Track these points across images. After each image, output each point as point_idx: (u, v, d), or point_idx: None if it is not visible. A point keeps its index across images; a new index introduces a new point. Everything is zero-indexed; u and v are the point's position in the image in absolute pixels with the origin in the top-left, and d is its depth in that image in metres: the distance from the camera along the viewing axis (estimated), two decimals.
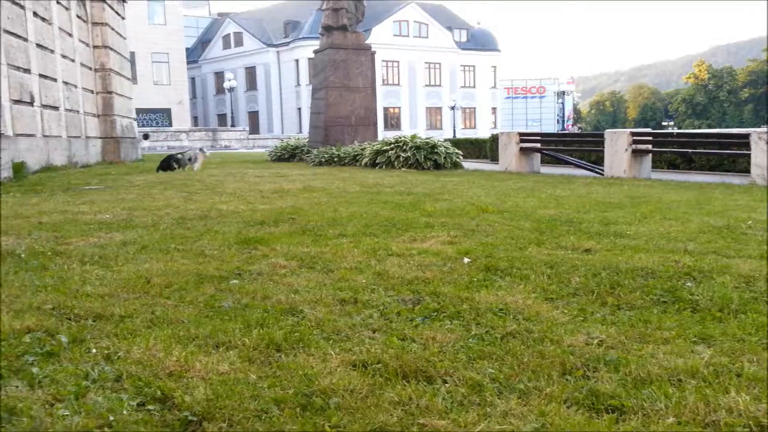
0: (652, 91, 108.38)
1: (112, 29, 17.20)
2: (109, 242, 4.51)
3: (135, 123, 20.21)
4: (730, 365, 2.15)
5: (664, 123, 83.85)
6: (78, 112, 14.94)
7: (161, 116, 47.49)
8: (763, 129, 11.67)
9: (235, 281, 3.33)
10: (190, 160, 13.18)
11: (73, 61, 14.70)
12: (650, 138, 11.43)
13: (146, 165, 15.47)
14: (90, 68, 16.26)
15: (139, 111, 36.24)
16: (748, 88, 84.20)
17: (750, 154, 9.57)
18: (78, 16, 15.36)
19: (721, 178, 10.51)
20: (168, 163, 12.84)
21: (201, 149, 14.59)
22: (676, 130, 52.01)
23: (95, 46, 16.55)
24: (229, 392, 1.91)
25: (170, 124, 45.89)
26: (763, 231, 4.78)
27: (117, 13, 18.02)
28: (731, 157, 11.47)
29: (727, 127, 71.33)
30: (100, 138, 16.74)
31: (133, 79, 29.71)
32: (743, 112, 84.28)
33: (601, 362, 2.15)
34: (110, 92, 16.98)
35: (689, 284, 3.20)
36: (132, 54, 32.48)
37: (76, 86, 14.84)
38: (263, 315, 2.69)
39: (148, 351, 2.29)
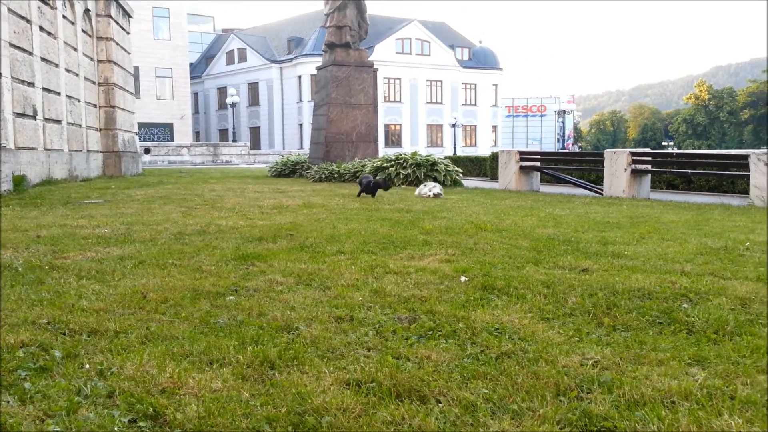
0: (652, 111, 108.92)
1: (117, 44, 17.36)
2: (106, 257, 4.52)
3: (137, 137, 20.31)
4: (724, 388, 2.14)
5: (664, 143, 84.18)
6: (80, 125, 15.03)
7: (163, 131, 47.75)
8: (763, 150, 11.70)
9: (231, 297, 3.33)
10: None
11: (77, 75, 14.82)
12: (650, 158, 11.47)
13: (147, 179, 15.52)
14: (93, 82, 16.38)
15: (141, 125, 36.50)
16: (748, 109, 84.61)
17: (749, 175, 9.60)
18: (83, 31, 15.52)
19: (720, 199, 10.53)
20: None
21: None
22: (675, 151, 52.22)
23: (99, 61, 16.70)
24: (222, 410, 1.91)
25: (172, 139, 46.13)
26: (761, 253, 4.78)
27: (122, 28, 18.19)
28: (730, 178, 11.51)
29: (727, 147, 71.63)
30: (101, 152, 16.82)
31: (136, 93, 29.92)
32: (743, 133, 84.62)
33: (596, 383, 2.15)
34: (113, 106, 17.09)
35: (685, 306, 3.19)
36: (136, 68, 32.75)
37: (79, 100, 14.94)
38: (258, 332, 2.69)
39: (142, 367, 2.29)
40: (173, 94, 48.32)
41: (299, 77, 52.28)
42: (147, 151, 33.02)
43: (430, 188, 10.45)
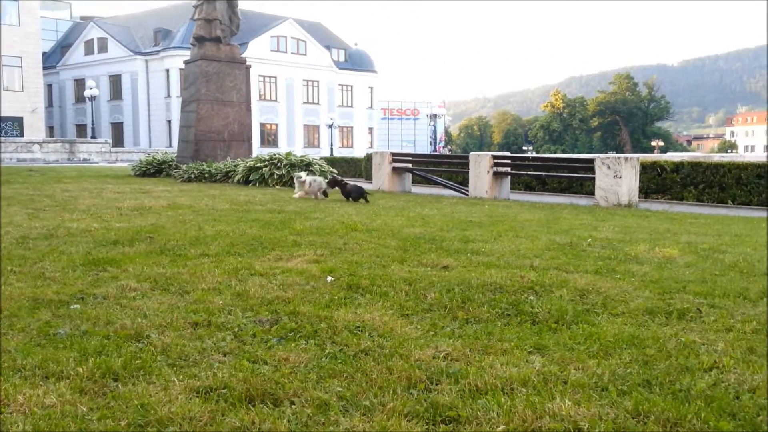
0: (514, 118, 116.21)
1: None
2: None
3: None
4: (559, 373, 2.33)
5: (524, 148, 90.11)
6: None
7: (11, 125, 43.29)
8: (607, 155, 12.86)
9: (76, 306, 3.09)
10: None
11: None
12: (509, 161, 12.23)
13: None
14: None
15: None
16: (597, 117, 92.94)
17: (595, 177, 10.55)
18: None
19: (570, 199, 11.48)
20: None
21: None
22: (532, 155, 56.20)
23: None
24: (53, 426, 1.76)
25: (22, 134, 41.94)
26: (600, 248, 5.27)
27: None
28: (579, 181, 12.58)
29: (579, 152, 78.12)
30: None
31: None
32: (593, 140, 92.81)
33: (444, 374, 2.25)
34: None
35: (531, 298, 3.44)
36: None
37: None
38: (103, 342, 2.52)
39: None
40: (23, 85, 43.94)
41: (167, 71, 49.71)
42: None
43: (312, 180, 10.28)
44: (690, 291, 3.67)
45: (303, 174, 10.61)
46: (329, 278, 3.88)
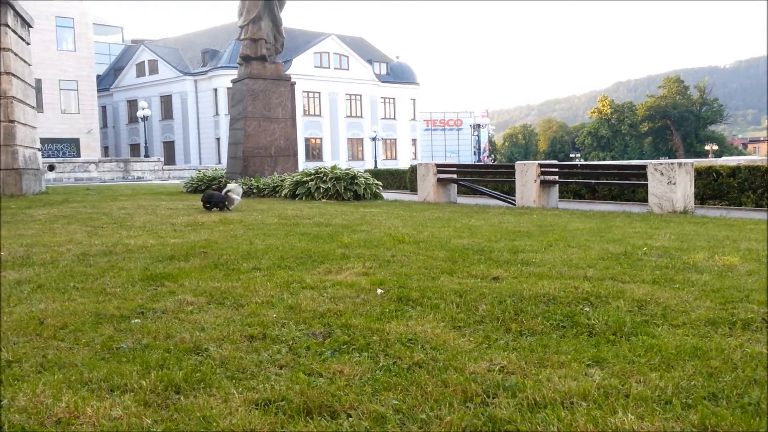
0: (560, 125, 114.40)
1: (15, 54, 16.33)
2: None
3: (39, 153, 19.13)
4: (620, 386, 2.27)
5: (571, 155, 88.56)
6: None
7: (68, 146, 45.25)
8: (660, 161, 12.51)
9: (136, 320, 3.19)
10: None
11: None
12: (557, 170, 12.04)
13: (50, 198, 14.63)
14: None
15: (44, 141, 34.40)
16: (647, 122, 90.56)
17: (647, 184, 10.27)
18: None
19: (622, 207, 11.20)
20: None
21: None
22: (580, 162, 55.10)
23: None
24: None
25: (78, 155, 43.78)
26: (657, 257, 5.12)
27: (21, 38, 17.14)
28: (631, 188, 12.27)
29: (629, 158, 76.30)
30: None
31: (39, 107, 28.22)
32: (643, 145, 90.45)
33: (501, 388, 2.22)
34: (12, 121, 16.01)
35: (587, 309, 3.36)
36: (38, 81, 30.92)
37: None
38: (164, 355, 2.59)
39: (36, 398, 2.15)
40: (79, 108, 45.92)
41: (215, 90, 51.13)
42: (51, 168, 31.16)
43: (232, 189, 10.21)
44: (753, 300, 3.52)
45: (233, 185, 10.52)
46: (379, 291, 3.89)
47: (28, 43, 18.03)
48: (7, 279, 4.31)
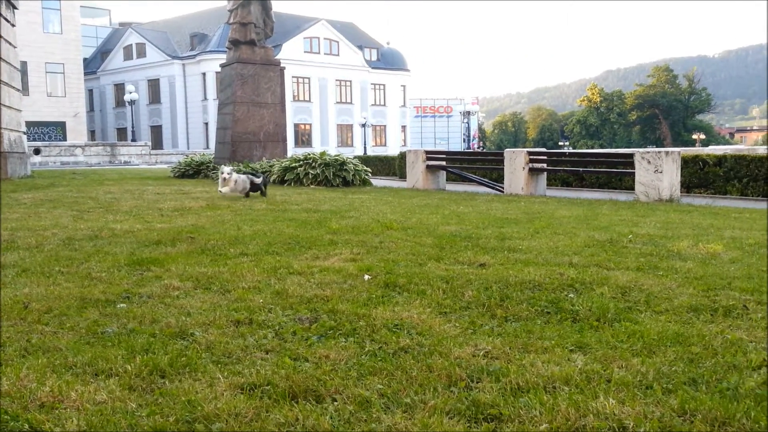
0: (549, 113, 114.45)
1: (1, 37, 16.05)
2: None
3: (25, 137, 18.89)
4: (602, 371, 2.30)
5: (560, 143, 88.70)
6: None
7: (55, 130, 44.72)
8: (647, 149, 12.62)
9: (122, 305, 3.18)
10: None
11: None
12: (545, 157, 12.07)
13: (36, 182, 14.49)
14: None
15: (30, 124, 33.91)
16: (635, 111, 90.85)
17: (634, 172, 10.33)
18: None
19: (609, 195, 11.27)
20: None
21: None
22: (568, 150, 55.28)
23: None
24: (104, 422, 1.82)
25: (64, 138, 43.29)
26: (642, 245, 5.17)
27: (6, 19, 16.84)
28: (618, 176, 12.33)
29: (617, 147, 76.54)
30: None
31: (24, 90, 27.81)
32: (632, 134, 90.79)
33: (485, 373, 2.24)
34: None
35: (571, 295, 3.40)
36: (23, 64, 30.46)
37: None
38: (149, 340, 2.59)
39: (19, 382, 2.14)
40: (65, 91, 45.36)
41: (203, 74, 50.63)
42: (37, 151, 30.79)
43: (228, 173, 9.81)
44: (736, 287, 3.57)
45: (227, 169, 10.02)
46: (366, 276, 3.90)
47: (13, 25, 17.72)
48: None
